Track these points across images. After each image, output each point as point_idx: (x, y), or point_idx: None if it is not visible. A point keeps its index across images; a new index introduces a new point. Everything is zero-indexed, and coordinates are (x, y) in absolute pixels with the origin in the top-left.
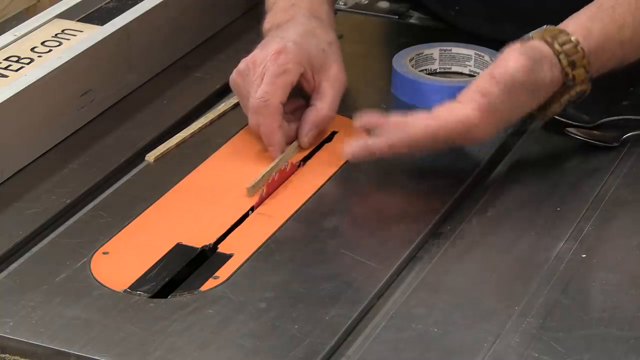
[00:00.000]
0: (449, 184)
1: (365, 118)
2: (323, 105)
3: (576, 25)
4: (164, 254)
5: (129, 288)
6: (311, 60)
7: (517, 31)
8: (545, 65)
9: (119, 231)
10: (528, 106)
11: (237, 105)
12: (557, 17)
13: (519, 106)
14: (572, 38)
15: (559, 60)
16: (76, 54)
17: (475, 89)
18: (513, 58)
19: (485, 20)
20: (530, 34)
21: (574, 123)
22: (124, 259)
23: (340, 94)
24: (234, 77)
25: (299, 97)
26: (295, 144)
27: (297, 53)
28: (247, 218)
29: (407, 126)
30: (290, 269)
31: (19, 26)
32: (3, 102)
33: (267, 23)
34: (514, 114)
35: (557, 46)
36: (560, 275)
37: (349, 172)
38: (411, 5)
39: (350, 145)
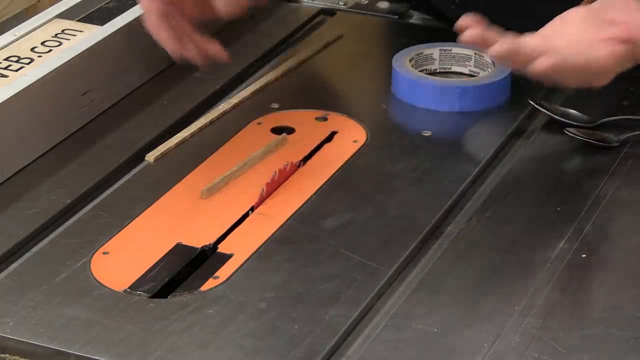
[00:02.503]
0: (449, 184)
1: (474, 32)
2: None
3: None
4: (164, 254)
5: (129, 288)
6: None
7: (518, 24)
8: None
9: (119, 231)
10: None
11: (237, 105)
12: (558, 8)
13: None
14: None
15: None
16: (76, 54)
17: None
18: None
19: (486, 14)
20: None
21: (574, 123)
22: (124, 259)
23: None
24: None
25: None
26: (260, 151)
27: None
28: (247, 218)
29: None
30: (290, 269)
31: (19, 26)
32: (3, 102)
33: None
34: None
35: None
36: (560, 275)
37: (349, 172)
38: (411, 5)
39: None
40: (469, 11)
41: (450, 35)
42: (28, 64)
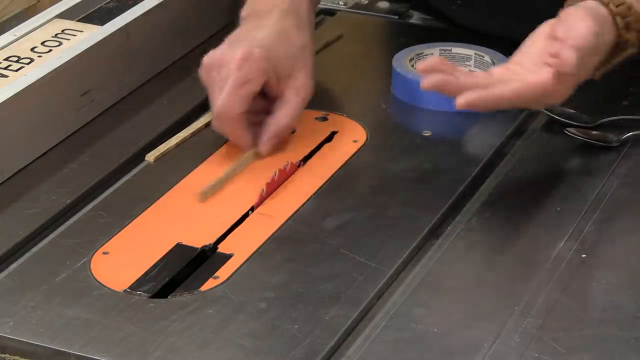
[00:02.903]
0: (449, 184)
1: (428, 63)
2: (285, 113)
3: None
4: (164, 254)
5: (129, 288)
6: (278, 68)
7: (517, 24)
8: (606, 27)
9: (119, 231)
10: (592, 68)
11: None
12: (560, 8)
13: (586, 70)
14: (627, 0)
15: (615, 22)
16: (76, 54)
17: (548, 54)
18: (583, 23)
19: (485, 14)
20: None
21: (574, 123)
22: (124, 259)
23: (305, 102)
24: (202, 71)
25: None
26: (251, 152)
27: (263, 61)
28: (247, 218)
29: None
30: (290, 269)
31: (19, 26)
32: (3, 102)
33: (246, 9)
34: (581, 78)
35: (612, 7)
36: (560, 275)
37: (349, 172)
38: (411, 5)
39: (464, 95)
40: (469, 11)
41: (450, 35)
42: (28, 64)
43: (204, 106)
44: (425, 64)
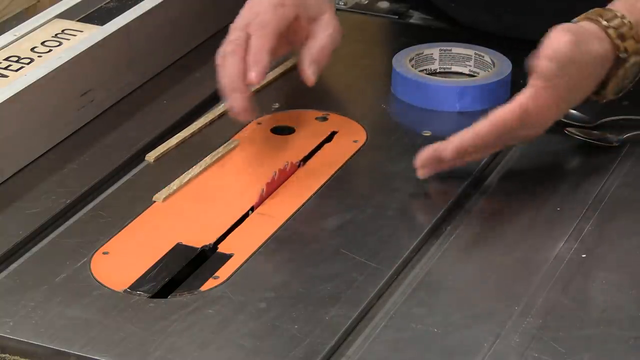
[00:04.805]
0: (449, 184)
1: (422, 156)
2: (324, 35)
3: (620, 3)
4: (164, 254)
5: (129, 288)
6: (307, 10)
7: (517, 23)
8: (593, 39)
9: (119, 231)
10: (585, 85)
11: None
12: (558, 7)
13: (574, 85)
14: (618, 14)
15: (607, 34)
16: (76, 54)
17: (529, 74)
18: (556, 36)
19: (485, 12)
20: (575, 19)
21: (574, 123)
22: (124, 259)
23: (333, 38)
24: (237, 21)
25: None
26: (212, 154)
27: (293, 7)
28: (247, 218)
29: (471, 127)
30: (290, 269)
31: (19, 26)
32: (3, 102)
33: None
34: (571, 94)
35: (603, 22)
36: (560, 275)
37: (349, 172)
38: (411, 5)
39: (420, 159)
40: (469, 9)
41: (450, 35)
42: (28, 64)
43: (204, 106)
44: (418, 163)
